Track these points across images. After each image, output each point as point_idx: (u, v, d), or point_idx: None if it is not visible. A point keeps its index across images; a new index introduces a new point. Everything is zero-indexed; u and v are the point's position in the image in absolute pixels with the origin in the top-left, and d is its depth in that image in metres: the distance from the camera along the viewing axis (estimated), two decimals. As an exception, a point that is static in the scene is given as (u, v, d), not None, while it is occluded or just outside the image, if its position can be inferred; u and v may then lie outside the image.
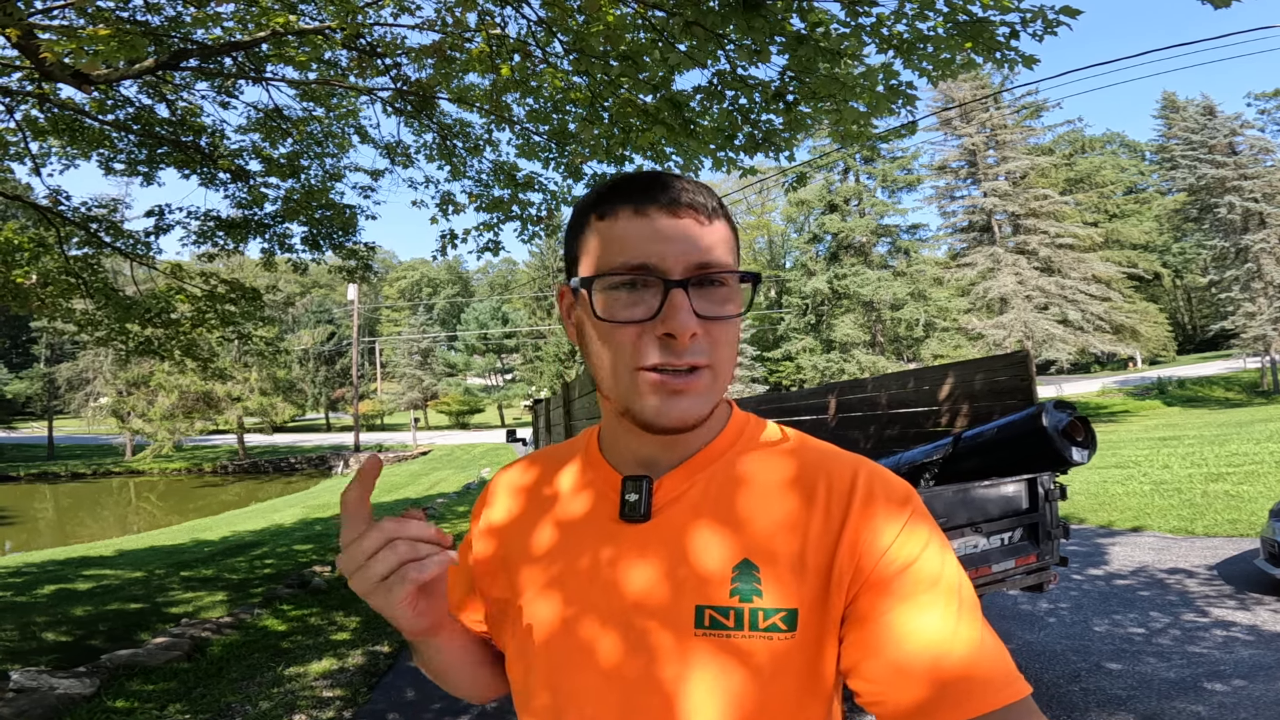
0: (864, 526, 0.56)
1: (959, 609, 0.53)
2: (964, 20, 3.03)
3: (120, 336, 6.47)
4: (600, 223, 0.58)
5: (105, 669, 3.94)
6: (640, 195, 0.56)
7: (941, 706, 0.50)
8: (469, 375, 45.94)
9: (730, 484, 0.60)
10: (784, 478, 0.60)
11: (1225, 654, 3.61)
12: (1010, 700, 0.50)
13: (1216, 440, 11.69)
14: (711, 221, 0.57)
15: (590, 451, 0.67)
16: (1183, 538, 6.36)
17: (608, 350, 0.57)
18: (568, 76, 4.48)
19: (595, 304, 0.56)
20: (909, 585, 0.53)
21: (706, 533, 0.58)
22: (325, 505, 13.95)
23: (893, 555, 0.55)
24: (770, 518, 0.58)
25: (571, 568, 0.61)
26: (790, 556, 0.56)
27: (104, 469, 28.02)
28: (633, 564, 0.59)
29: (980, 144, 24.60)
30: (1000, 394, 4.03)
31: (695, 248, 0.55)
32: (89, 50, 3.16)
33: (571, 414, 5.89)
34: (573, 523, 0.63)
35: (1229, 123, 23.92)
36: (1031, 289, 22.34)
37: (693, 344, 0.55)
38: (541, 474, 0.70)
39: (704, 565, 0.57)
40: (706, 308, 0.56)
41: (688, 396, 0.56)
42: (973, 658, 0.51)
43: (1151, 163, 37.17)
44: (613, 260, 0.56)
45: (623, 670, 0.56)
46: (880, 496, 0.57)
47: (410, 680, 3.85)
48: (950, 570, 0.55)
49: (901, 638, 0.52)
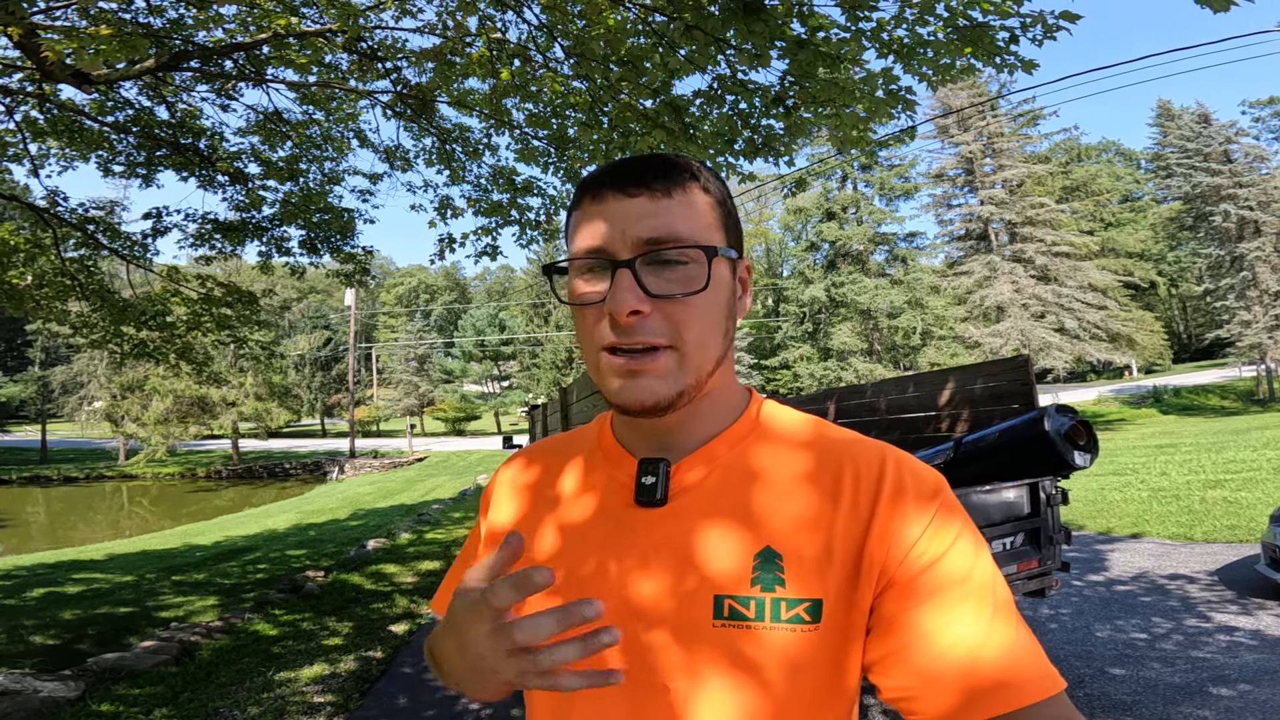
0: (892, 518, 0.54)
1: (992, 609, 0.51)
2: (964, 25, 3.04)
3: (115, 339, 6.44)
4: (573, 214, 0.60)
5: (91, 672, 3.88)
6: (599, 183, 0.57)
7: (974, 711, 0.48)
8: (466, 382, 45.85)
9: (751, 470, 0.58)
10: (808, 465, 0.58)
11: (1229, 659, 3.59)
12: (1039, 698, 0.48)
13: (1213, 447, 11.71)
14: (671, 195, 0.55)
15: (604, 437, 0.65)
16: (1182, 544, 6.35)
17: (580, 332, 0.58)
18: (568, 81, 4.49)
19: (560, 289, 0.60)
20: (937, 583, 0.52)
21: (726, 520, 0.56)
22: (320, 510, 13.86)
23: (920, 550, 0.53)
24: (794, 506, 0.56)
25: (584, 556, 0.59)
26: (815, 546, 0.54)
27: (97, 473, 27.81)
28: (648, 552, 0.56)
29: (977, 152, 24.76)
30: (1000, 399, 4.02)
31: (643, 225, 0.54)
32: (90, 50, 3.15)
33: (569, 419, 5.85)
34: (586, 509, 0.61)
35: (1224, 130, 24.10)
36: (1028, 297, 22.44)
37: (643, 323, 0.53)
38: (552, 461, 0.68)
39: (723, 553, 0.55)
40: (660, 285, 0.54)
41: (647, 377, 0.54)
42: (1006, 661, 0.49)
43: (1147, 171, 37.48)
44: (573, 248, 0.57)
45: (636, 664, 0.54)
46: (909, 489, 0.55)
47: (403, 686, 3.80)
48: (983, 566, 0.53)
49: (931, 641, 0.50)
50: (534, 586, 0.47)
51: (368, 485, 19.15)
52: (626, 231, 0.54)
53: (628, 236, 0.54)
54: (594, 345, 0.56)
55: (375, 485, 18.85)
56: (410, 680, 3.87)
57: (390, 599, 5.77)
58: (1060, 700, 0.49)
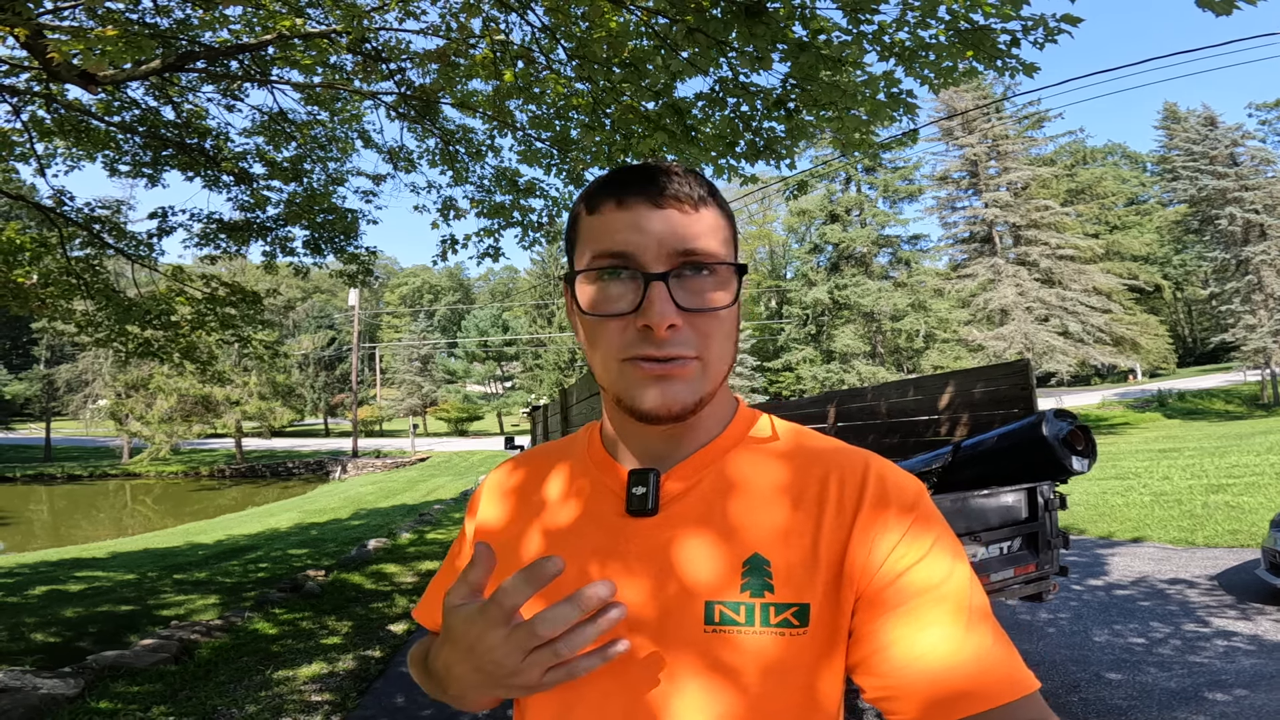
0: (871, 526, 0.55)
1: (967, 616, 0.52)
2: (965, 28, 3.04)
3: (120, 338, 6.47)
4: (588, 218, 0.58)
5: (91, 670, 3.90)
6: (624, 188, 0.56)
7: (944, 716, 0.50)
8: (468, 382, 45.91)
9: (739, 479, 0.59)
10: (794, 473, 0.59)
11: (1227, 664, 3.58)
12: (1010, 699, 0.49)
13: (1217, 452, 11.66)
14: (698, 210, 0.56)
15: (593, 447, 0.65)
16: (1183, 548, 6.33)
17: (596, 342, 0.57)
18: (570, 83, 4.51)
19: (580, 298, 0.57)
20: (911, 590, 0.52)
21: (715, 528, 0.57)
22: (322, 510, 13.90)
23: (896, 557, 0.54)
24: (781, 513, 0.57)
25: (576, 565, 0.59)
26: (802, 551, 0.55)
27: (100, 471, 27.93)
28: (639, 560, 0.57)
29: (981, 154, 24.71)
30: (1000, 403, 4.02)
31: (677, 237, 0.55)
32: (96, 51, 3.18)
33: (569, 420, 5.86)
34: (576, 519, 0.62)
35: (1230, 133, 24.02)
36: (1032, 300, 22.38)
37: (674, 336, 0.54)
38: (538, 471, 0.68)
39: (713, 560, 0.56)
40: (690, 299, 0.55)
41: (675, 382, 0.55)
42: (978, 667, 0.50)
43: (1152, 174, 37.34)
44: (595, 252, 0.56)
45: (629, 671, 0.55)
46: (891, 497, 0.56)
47: (400, 686, 3.82)
48: (958, 575, 0.54)
49: (904, 648, 0.51)
50: (546, 576, 0.47)
51: (370, 485, 19.19)
52: (661, 243, 0.54)
53: (662, 248, 0.54)
54: (614, 355, 0.55)
55: (377, 485, 18.89)
56: (408, 680, 3.87)
57: (390, 599, 5.79)
58: (1033, 700, 0.50)
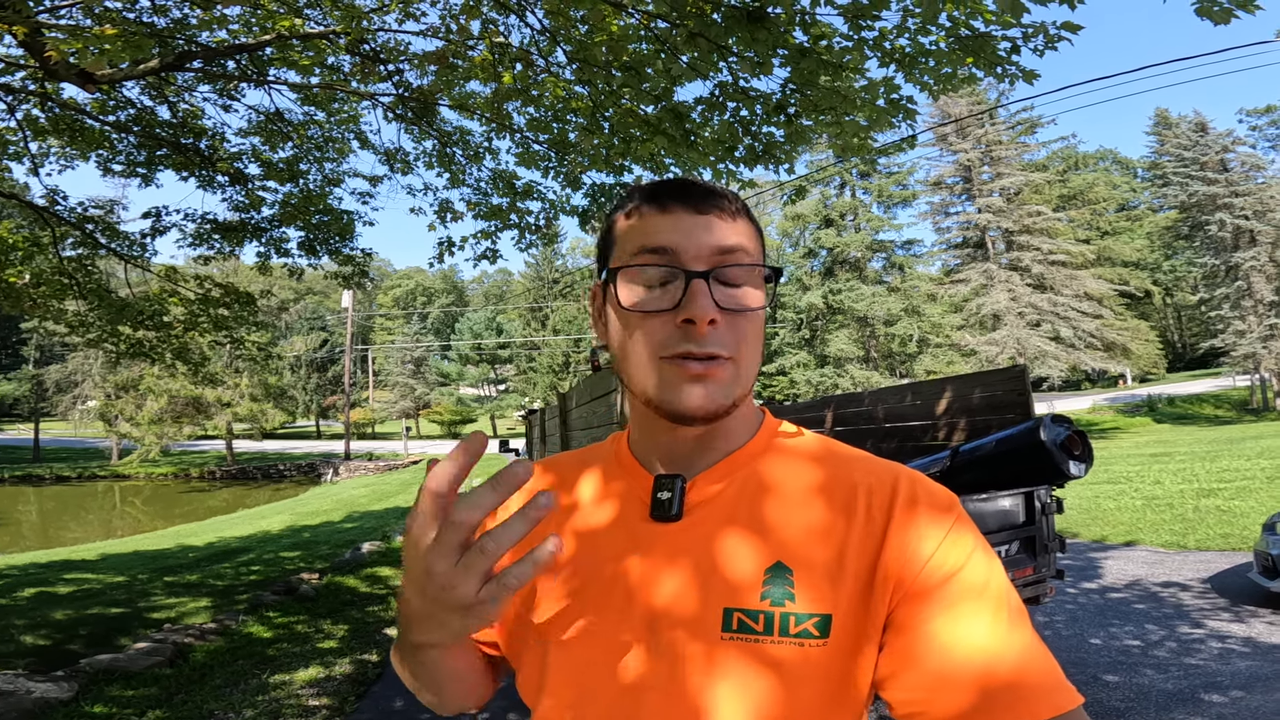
0: (907, 533, 0.55)
1: (1008, 616, 0.52)
2: (966, 35, 3.07)
3: (111, 338, 6.41)
4: (626, 220, 0.60)
5: (84, 673, 3.86)
6: (664, 195, 0.59)
7: (989, 714, 0.48)
8: (462, 385, 45.76)
9: (765, 487, 0.59)
10: (821, 481, 0.59)
11: (1222, 665, 3.61)
12: (1061, 710, 0.48)
13: (1207, 457, 11.76)
14: (735, 219, 0.59)
15: (621, 453, 0.66)
16: (1176, 552, 6.38)
17: (633, 340, 0.57)
18: (569, 86, 4.51)
19: (620, 294, 0.58)
20: (954, 593, 0.52)
21: (739, 535, 0.57)
22: (314, 512, 13.80)
23: (937, 563, 0.53)
24: (806, 522, 0.57)
25: (597, 569, 0.59)
26: (827, 561, 0.55)
27: (89, 472, 27.64)
28: (661, 565, 0.57)
29: (975, 160, 24.90)
30: (997, 408, 4.04)
31: (716, 238, 0.57)
32: (94, 50, 3.15)
33: (568, 424, 5.84)
34: (603, 519, 0.62)
35: (1221, 139, 24.27)
36: (1024, 305, 22.54)
37: (712, 332, 0.55)
38: (564, 477, 0.68)
39: (735, 567, 0.55)
40: (727, 299, 0.56)
41: (709, 383, 0.55)
42: (1022, 665, 0.50)
43: (1144, 180, 37.74)
44: (635, 248, 0.58)
45: (644, 676, 0.55)
46: (923, 503, 0.56)
47: (399, 690, 3.79)
48: (997, 577, 0.54)
49: (947, 646, 0.50)
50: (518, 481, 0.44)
51: (362, 487, 19.07)
52: (702, 243, 0.56)
53: (703, 248, 0.56)
54: (652, 353, 0.56)
55: (370, 487, 18.78)
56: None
57: (385, 602, 5.75)
58: (1077, 715, 0.49)
